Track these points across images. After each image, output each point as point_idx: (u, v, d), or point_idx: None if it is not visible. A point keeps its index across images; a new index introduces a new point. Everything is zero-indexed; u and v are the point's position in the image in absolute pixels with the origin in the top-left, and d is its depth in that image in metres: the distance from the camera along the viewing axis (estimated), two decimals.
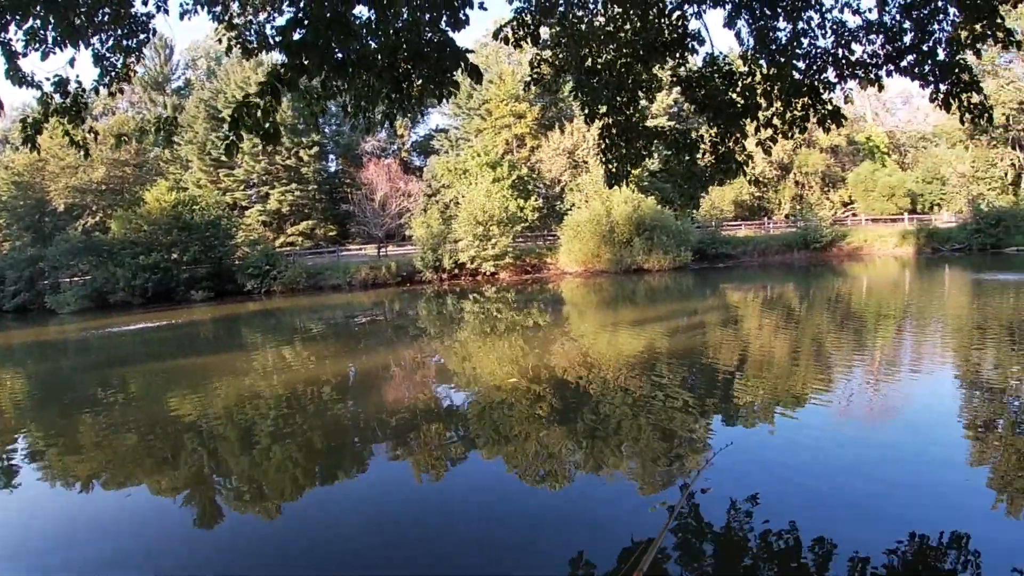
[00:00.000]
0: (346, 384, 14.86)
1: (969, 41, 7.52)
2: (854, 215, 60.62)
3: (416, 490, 7.99)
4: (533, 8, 8.28)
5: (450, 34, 5.52)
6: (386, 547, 6.40)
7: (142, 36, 7.10)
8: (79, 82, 6.89)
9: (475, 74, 5.38)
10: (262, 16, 8.09)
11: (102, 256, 44.16)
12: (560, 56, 8.65)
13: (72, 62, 6.72)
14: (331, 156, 71.33)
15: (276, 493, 8.19)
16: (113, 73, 7.12)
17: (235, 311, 35.99)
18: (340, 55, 4.80)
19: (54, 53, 6.33)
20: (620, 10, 8.47)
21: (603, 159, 9.02)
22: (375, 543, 6.49)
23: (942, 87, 7.79)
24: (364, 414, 12.00)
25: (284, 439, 10.37)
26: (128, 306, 42.17)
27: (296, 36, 4.58)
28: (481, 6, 6.02)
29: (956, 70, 7.68)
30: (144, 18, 7.06)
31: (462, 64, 5.33)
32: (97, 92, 7.21)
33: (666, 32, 8.37)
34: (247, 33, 8.00)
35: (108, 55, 6.97)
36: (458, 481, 8.26)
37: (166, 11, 7.28)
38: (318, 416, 11.82)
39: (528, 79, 9.39)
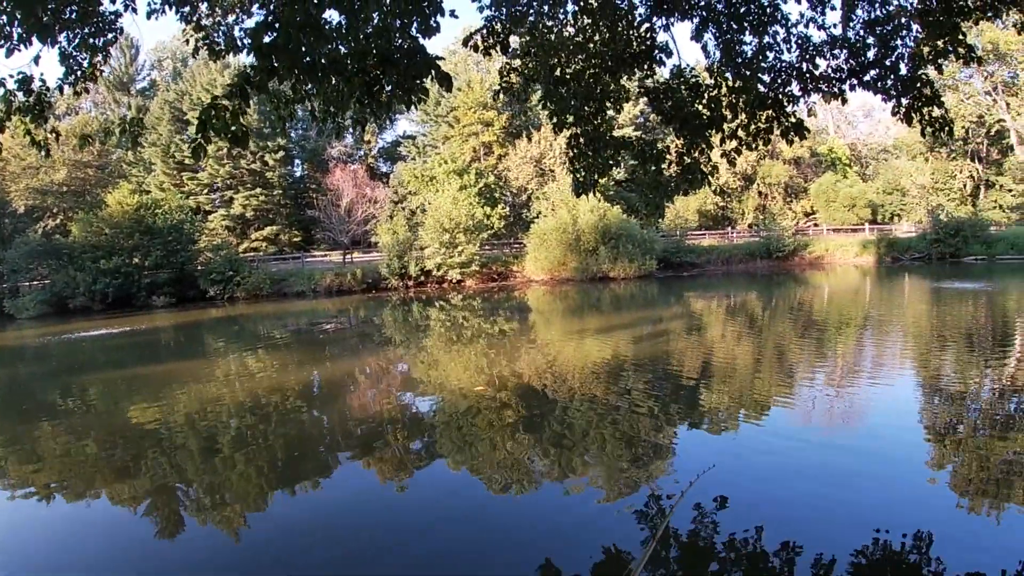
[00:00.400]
0: (310, 392, 14.74)
1: (931, 56, 7.71)
2: (816, 225, 61.61)
3: (382, 498, 7.94)
4: (503, 17, 8.31)
5: (420, 41, 5.52)
6: (351, 556, 6.36)
7: (109, 35, 7.00)
8: (43, 80, 6.78)
9: (446, 82, 5.38)
10: (231, 18, 8.03)
11: (62, 260, 43.34)
12: (529, 65, 8.70)
13: (37, 60, 6.62)
14: (297, 161, 70.78)
15: (240, 503, 8.08)
16: (79, 72, 7.01)
17: (197, 318, 35.53)
18: (311, 58, 4.78)
19: (19, 50, 6.23)
20: (590, 21, 8.55)
21: (571, 168, 9.06)
22: (340, 552, 6.44)
23: (904, 101, 7.98)
24: (329, 422, 11.91)
25: (247, 448, 10.27)
26: (88, 311, 41.42)
27: (267, 39, 4.55)
28: (452, 14, 6.03)
29: (918, 85, 7.87)
30: (112, 17, 6.97)
31: (433, 71, 5.33)
32: (62, 91, 7.09)
33: (635, 44, 8.46)
34: (215, 35, 7.94)
35: (75, 53, 6.87)
36: (424, 489, 8.22)
37: (134, 10, 7.20)
38: (282, 424, 11.70)
39: (497, 87, 9.42)
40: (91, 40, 6.90)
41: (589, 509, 7.15)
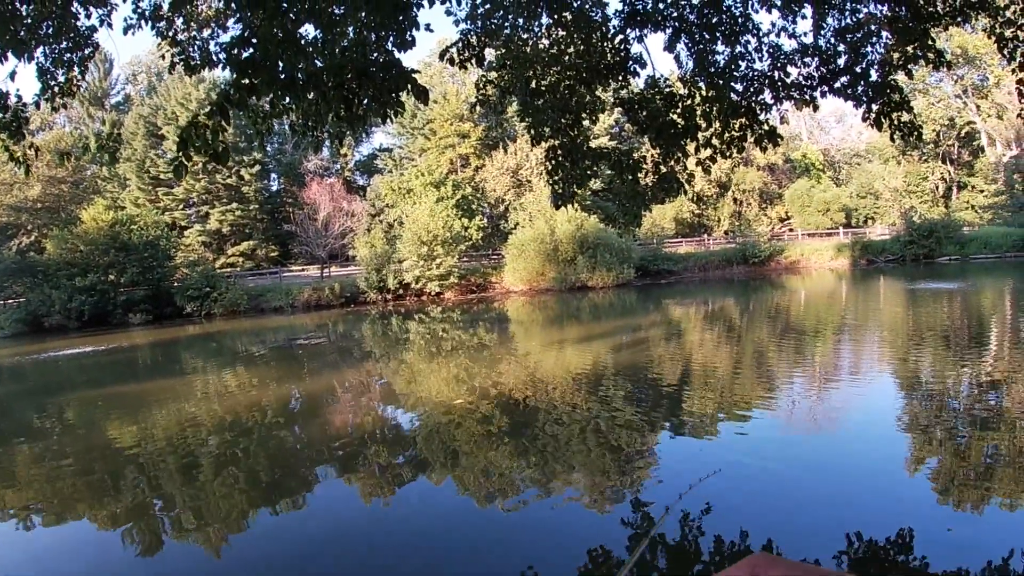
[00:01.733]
0: (290, 409, 14.66)
1: (901, 62, 7.85)
2: (791, 230, 62.18)
3: (366, 514, 7.92)
4: (479, 30, 8.37)
5: (396, 55, 5.55)
6: (335, 572, 6.34)
7: (86, 51, 6.98)
8: (19, 96, 6.74)
9: (422, 96, 5.41)
10: (206, 32, 8.03)
11: (37, 278, 42.81)
12: (505, 78, 8.74)
13: (13, 76, 6.59)
14: (273, 175, 70.62)
15: (221, 522, 8.02)
16: (56, 87, 6.98)
17: (174, 335, 35.23)
18: (288, 74, 4.80)
19: None
20: (564, 34, 8.61)
21: (549, 180, 9.11)
22: (324, 570, 6.41)
23: (874, 107, 8.11)
24: (310, 439, 11.85)
25: (228, 466, 10.18)
26: (64, 330, 40.93)
27: (244, 54, 4.57)
28: (427, 27, 6.07)
29: (887, 90, 8.00)
30: (87, 32, 6.95)
31: (409, 85, 5.35)
32: (38, 106, 7.07)
33: (609, 55, 8.53)
34: (191, 49, 7.92)
35: (51, 69, 6.84)
36: (408, 503, 8.21)
37: (110, 25, 7.19)
38: (262, 442, 11.63)
39: (473, 100, 9.46)
40: (67, 55, 6.88)
41: (574, 517, 7.17)
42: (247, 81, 4.53)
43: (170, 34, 7.68)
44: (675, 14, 8.44)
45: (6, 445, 12.70)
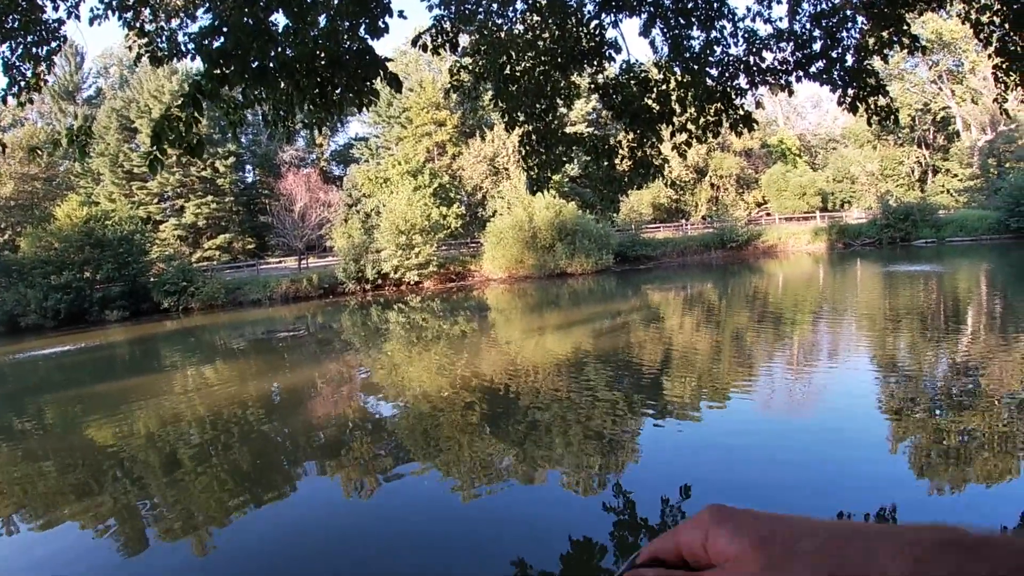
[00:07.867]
0: (271, 402, 14.56)
1: (876, 47, 7.88)
2: (768, 214, 62.47)
3: (349, 506, 7.89)
4: (452, 16, 8.31)
5: (369, 42, 5.48)
6: (321, 566, 6.31)
7: (53, 44, 6.85)
8: None
9: (395, 83, 5.36)
10: (175, 23, 7.91)
11: (12, 277, 42.21)
12: (480, 64, 8.69)
13: None
14: (248, 167, 69.88)
15: (205, 518, 7.95)
16: (23, 83, 6.84)
17: (152, 331, 34.90)
18: (259, 63, 4.73)
19: None
20: (539, 19, 8.58)
21: (524, 166, 9.09)
22: (309, 563, 6.38)
23: (850, 91, 8.14)
24: (291, 432, 11.79)
25: (210, 462, 10.12)
26: (41, 329, 40.40)
27: (215, 43, 4.50)
28: (400, 14, 6.00)
29: (863, 75, 8.04)
30: (55, 25, 6.82)
31: (382, 73, 5.30)
32: (5, 102, 6.92)
33: (584, 41, 8.50)
34: (159, 40, 7.79)
35: (17, 63, 6.70)
36: (391, 495, 8.18)
37: (77, 17, 7.05)
38: (244, 436, 11.56)
39: (448, 86, 9.40)
40: (34, 49, 6.75)
41: (556, 504, 7.19)
42: (219, 71, 4.46)
43: (137, 25, 7.54)
44: None
45: None
